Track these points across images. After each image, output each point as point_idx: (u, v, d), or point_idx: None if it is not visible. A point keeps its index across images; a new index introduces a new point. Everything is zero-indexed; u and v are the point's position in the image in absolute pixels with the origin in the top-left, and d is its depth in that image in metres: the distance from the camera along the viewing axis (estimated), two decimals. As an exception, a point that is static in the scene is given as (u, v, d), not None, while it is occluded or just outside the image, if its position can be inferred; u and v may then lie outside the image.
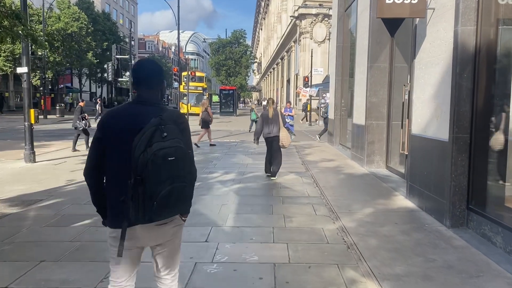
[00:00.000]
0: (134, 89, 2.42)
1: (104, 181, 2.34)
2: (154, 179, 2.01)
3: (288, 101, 18.18)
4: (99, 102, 24.95)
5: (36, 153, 10.70)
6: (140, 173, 2.01)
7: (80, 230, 5.05)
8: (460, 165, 5.09)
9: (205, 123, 13.75)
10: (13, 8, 7.63)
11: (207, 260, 4.14)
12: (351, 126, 11.51)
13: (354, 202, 6.48)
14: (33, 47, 8.68)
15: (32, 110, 10.25)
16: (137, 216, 2.07)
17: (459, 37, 5.00)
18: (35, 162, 10.26)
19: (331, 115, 14.26)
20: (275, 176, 8.36)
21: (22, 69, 10.15)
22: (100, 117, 23.28)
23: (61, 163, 10.20)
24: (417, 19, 6.33)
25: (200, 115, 13.93)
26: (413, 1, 5.73)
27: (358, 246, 4.53)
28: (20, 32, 7.36)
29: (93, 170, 2.33)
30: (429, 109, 5.88)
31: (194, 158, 2.37)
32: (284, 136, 8.19)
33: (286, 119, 13.30)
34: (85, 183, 2.38)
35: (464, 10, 4.97)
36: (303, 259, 4.17)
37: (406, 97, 7.78)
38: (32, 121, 10.26)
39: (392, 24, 9.00)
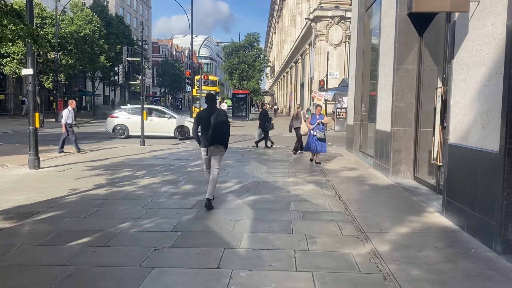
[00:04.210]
0: (206, 103, 6.56)
1: (199, 132, 6.49)
2: (219, 128, 6.28)
3: (318, 105, 12.39)
4: None
5: (42, 159, 10.25)
6: (214, 127, 6.21)
7: (76, 251, 4.45)
8: (513, 181, 4.37)
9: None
10: (14, 6, 7.10)
11: (219, 294, 3.51)
12: (373, 132, 10.78)
13: (383, 219, 5.78)
14: (33, 47, 8.16)
15: (37, 114, 9.78)
16: (212, 141, 6.28)
17: (513, 32, 4.30)
18: (39, 168, 9.77)
19: (350, 120, 13.54)
20: (296, 152, 13.31)
21: (27, 71, 9.72)
22: None
23: (66, 170, 9.69)
24: (456, 14, 5.64)
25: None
26: (454, -7, 5.04)
27: (396, 277, 3.84)
28: (19, 31, 6.85)
29: (196, 130, 6.54)
30: (472, 115, 5.16)
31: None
32: (302, 127, 12.52)
33: (313, 132, 11.10)
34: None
35: (519, 1, 4.27)
36: (333, 295, 3.50)
37: (439, 101, 7.06)
38: (37, 125, 9.78)
39: (421, 23, 8.31)
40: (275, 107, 68.70)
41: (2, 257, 4.29)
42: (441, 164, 7.04)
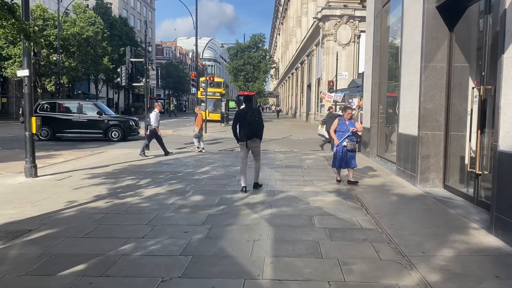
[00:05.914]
0: (244, 104, 8.26)
1: (237, 128, 7.81)
2: (253, 124, 7.61)
3: (347, 107, 9.18)
4: None
5: (41, 165, 9.65)
6: (249, 123, 7.56)
7: (69, 283, 3.73)
8: None
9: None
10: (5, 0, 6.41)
11: None
12: (394, 136, 10.02)
13: (423, 238, 5.03)
14: (26, 44, 7.50)
15: (33, 119, 9.10)
16: (249, 135, 7.62)
17: None
18: (36, 176, 9.09)
19: (366, 123, 12.78)
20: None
21: (22, 72, 9.02)
22: None
23: (65, 178, 9.00)
24: (507, 2, 4.90)
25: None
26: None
27: (461, 321, 3.10)
28: (11, 26, 6.17)
29: (235, 127, 7.87)
30: (531, 119, 4.42)
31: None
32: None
33: (344, 143, 8.40)
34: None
35: None
36: None
37: (476, 102, 6.32)
38: (34, 131, 9.10)
39: (451, 17, 7.59)
40: (278, 108, 68.00)
41: (-20, 291, 3.59)
42: (481, 172, 6.31)
